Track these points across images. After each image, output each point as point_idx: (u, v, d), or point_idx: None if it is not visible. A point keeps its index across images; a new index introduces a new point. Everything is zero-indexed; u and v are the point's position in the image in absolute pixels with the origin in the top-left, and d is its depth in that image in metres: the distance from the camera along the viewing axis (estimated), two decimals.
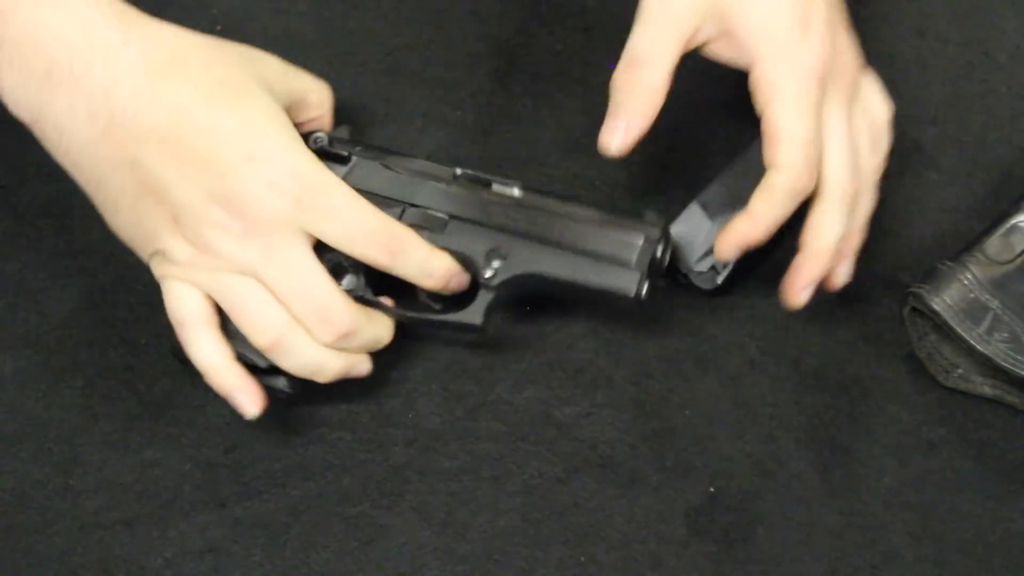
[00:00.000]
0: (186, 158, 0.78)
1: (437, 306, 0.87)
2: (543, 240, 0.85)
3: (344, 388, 0.85)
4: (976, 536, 0.85)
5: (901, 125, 0.95)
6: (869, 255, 0.91)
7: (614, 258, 0.84)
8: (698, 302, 0.90)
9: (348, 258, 0.83)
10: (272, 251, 0.79)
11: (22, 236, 0.91)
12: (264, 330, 0.80)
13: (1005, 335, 0.84)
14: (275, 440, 0.86)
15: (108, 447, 0.86)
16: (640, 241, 0.84)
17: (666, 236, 0.85)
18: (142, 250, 0.82)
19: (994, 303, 0.84)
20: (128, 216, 0.80)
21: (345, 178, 0.86)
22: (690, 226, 0.90)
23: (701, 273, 0.89)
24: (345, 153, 0.86)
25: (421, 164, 0.87)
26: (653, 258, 0.84)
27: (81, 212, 0.90)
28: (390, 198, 0.86)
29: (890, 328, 0.90)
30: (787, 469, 0.86)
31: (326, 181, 0.80)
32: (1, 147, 0.91)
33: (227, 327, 0.82)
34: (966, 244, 0.87)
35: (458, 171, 0.87)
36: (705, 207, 0.90)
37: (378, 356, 0.86)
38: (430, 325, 0.86)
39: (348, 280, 0.84)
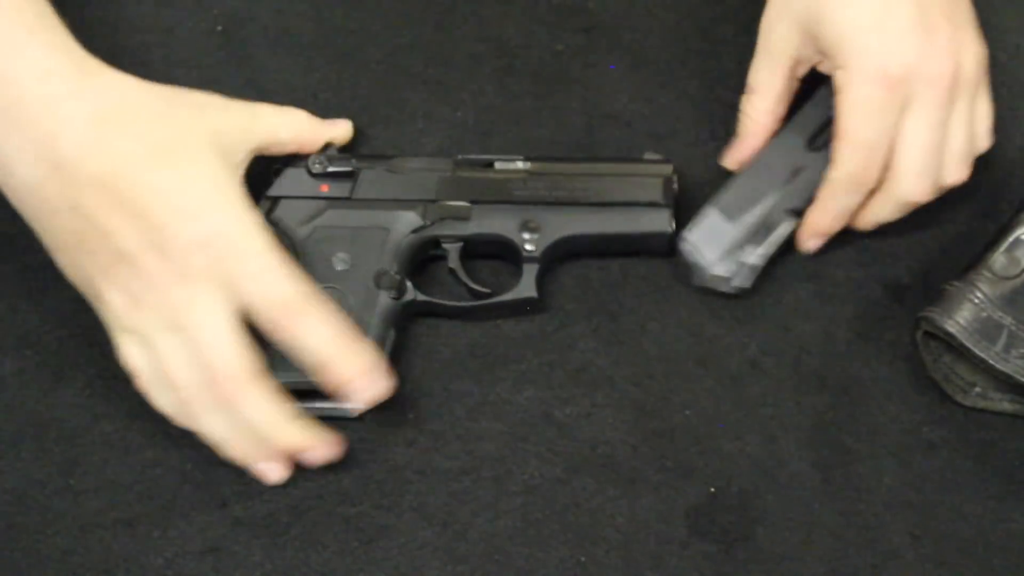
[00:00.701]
0: (124, 207, 0.79)
1: (487, 290, 0.89)
2: (569, 202, 0.89)
3: None
4: (976, 536, 0.85)
5: None
6: (869, 255, 0.92)
7: (641, 202, 0.89)
8: (698, 302, 0.90)
9: (394, 267, 0.87)
10: (193, 304, 0.79)
11: (22, 236, 0.90)
12: (179, 384, 0.80)
13: (1023, 351, 0.84)
14: None
15: (108, 447, 0.86)
16: (660, 180, 0.89)
17: (672, 164, 0.90)
18: (86, 292, 0.82)
19: (1007, 319, 0.84)
20: (70, 258, 0.81)
21: (354, 190, 0.89)
22: (707, 230, 0.89)
23: (721, 276, 0.89)
24: (349, 168, 0.89)
25: (421, 161, 0.90)
26: (674, 192, 0.89)
27: None
28: (406, 200, 0.88)
29: (890, 328, 0.90)
30: (787, 469, 0.86)
31: (253, 244, 0.80)
32: None
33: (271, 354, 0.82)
34: (971, 262, 0.87)
35: (458, 158, 0.90)
36: (722, 210, 0.90)
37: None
38: (488, 309, 0.89)
39: (396, 285, 0.87)
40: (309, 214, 0.88)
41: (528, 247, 0.88)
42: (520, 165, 0.90)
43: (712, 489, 0.86)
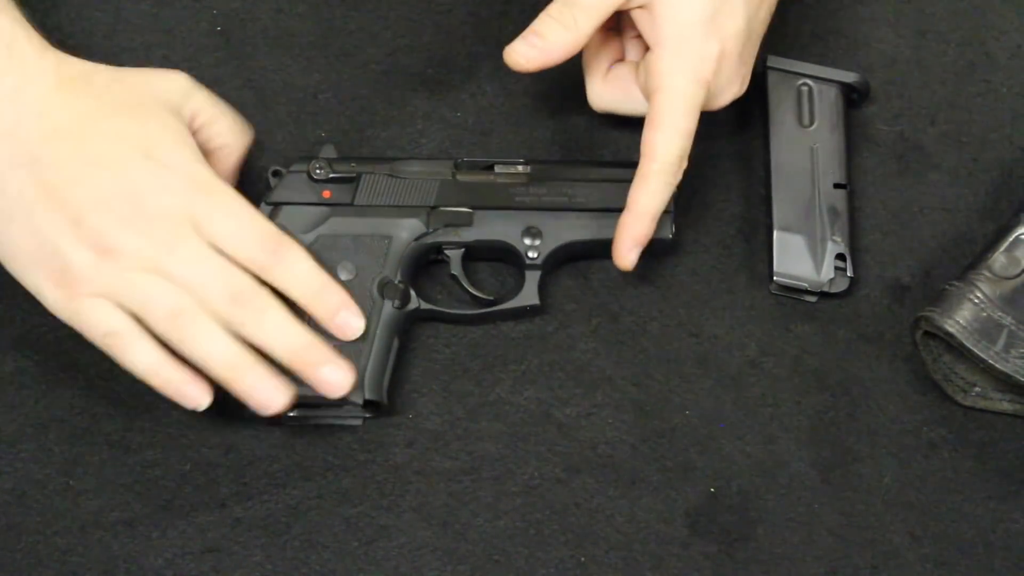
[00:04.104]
0: (88, 156, 0.81)
1: (490, 298, 0.89)
2: (571, 208, 0.89)
3: None
4: (976, 536, 0.85)
5: (901, 125, 0.95)
6: (869, 255, 0.92)
7: None
8: (698, 302, 0.90)
9: (397, 275, 0.86)
10: (171, 245, 0.80)
11: None
12: (170, 315, 0.80)
13: (1023, 351, 0.84)
14: (275, 440, 0.86)
15: (108, 447, 0.86)
16: None
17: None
18: (36, 268, 0.81)
19: (1007, 319, 0.84)
20: (24, 226, 0.81)
21: (356, 196, 0.89)
22: (790, 252, 0.90)
23: (832, 280, 0.89)
24: (351, 174, 0.88)
25: (422, 164, 0.90)
26: (675, 198, 0.88)
27: None
28: (409, 206, 0.87)
29: (890, 328, 0.90)
30: (787, 469, 0.86)
31: (217, 184, 0.82)
32: None
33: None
34: (971, 262, 0.87)
35: (459, 160, 0.90)
36: (784, 228, 0.90)
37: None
38: (491, 317, 0.89)
39: (400, 295, 0.87)
40: (312, 221, 0.88)
41: (531, 254, 0.88)
42: (520, 168, 0.90)
43: (712, 489, 0.86)
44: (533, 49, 0.87)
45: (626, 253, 0.86)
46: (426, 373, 0.88)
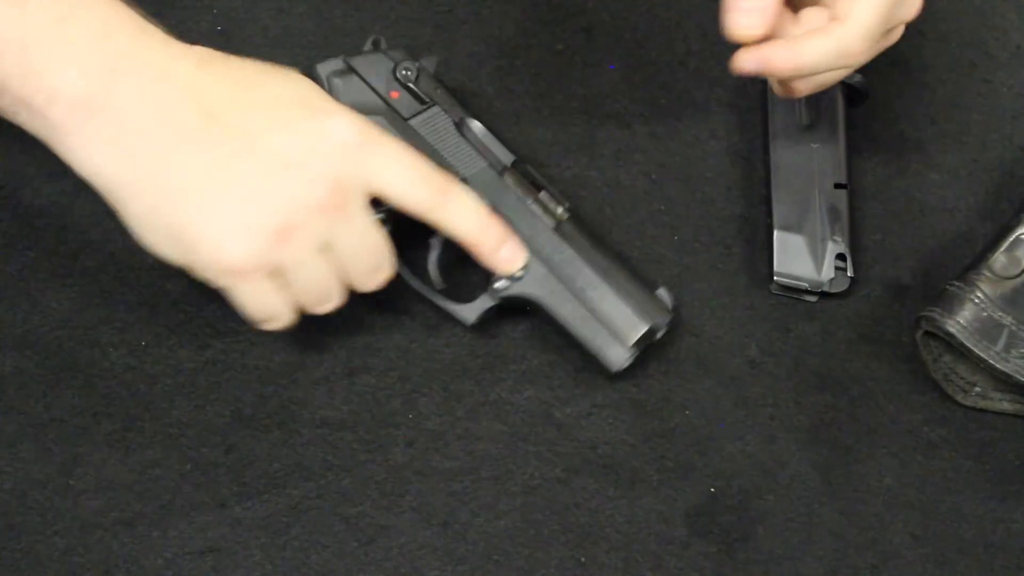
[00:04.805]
0: (252, 127, 0.79)
1: (442, 286, 0.88)
2: (563, 278, 0.86)
3: (345, 387, 0.86)
4: (977, 536, 0.85)
5: (901, 125, 0.95)
6: (869, 255, 0.92)
7: (615, 330, 0.85)
8: (698, 302, 0.90)
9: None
10: (346, 217, 0.80)
11: (22, 236, 0.91)
12: (325, 297, 0.82)
13: (1023, 351, 0.84)
14: (275, 440, 0.86)
15: (108, 447, 0.86)
16: (646, 327, 0.85)
17: (672, 319, 0.87)
18: (240, 234, 0.78)
19: (1008, 319, 0.84)
20: (214, 201, 0.78)
21: (415, 119, 0.87)
22: (791, 252, 0.90)
23: (832, 280, 0.89)
24: (426, 98, 0.87)
25: (486, 137, 0.88)
26: (650, 340, 0.86)
27: (81, 212, 0.90)
28: (448, 163, 0.86)
29: (890, 328, 0.90)
30: (787, 469, 0.86)
31: (377, 130, 0.81)
32: (1, 148, 0.91)
33: None
34: (971, 262, 0.87)
35: (517, 161, 0.88)
36: (784, 227, 0.90)
37: (379, 356, 0.86)
38: (427, 300, 0.87)
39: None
40: (360, 107, 0.85)
41: (499, 283, 0.86)
42: (560, 211, 0.87)
43: (712, 489, 0.86)
44: (750, 15, 0.83)
45: (748, 56, 0.83)
46: (426, 373, 0.88)
